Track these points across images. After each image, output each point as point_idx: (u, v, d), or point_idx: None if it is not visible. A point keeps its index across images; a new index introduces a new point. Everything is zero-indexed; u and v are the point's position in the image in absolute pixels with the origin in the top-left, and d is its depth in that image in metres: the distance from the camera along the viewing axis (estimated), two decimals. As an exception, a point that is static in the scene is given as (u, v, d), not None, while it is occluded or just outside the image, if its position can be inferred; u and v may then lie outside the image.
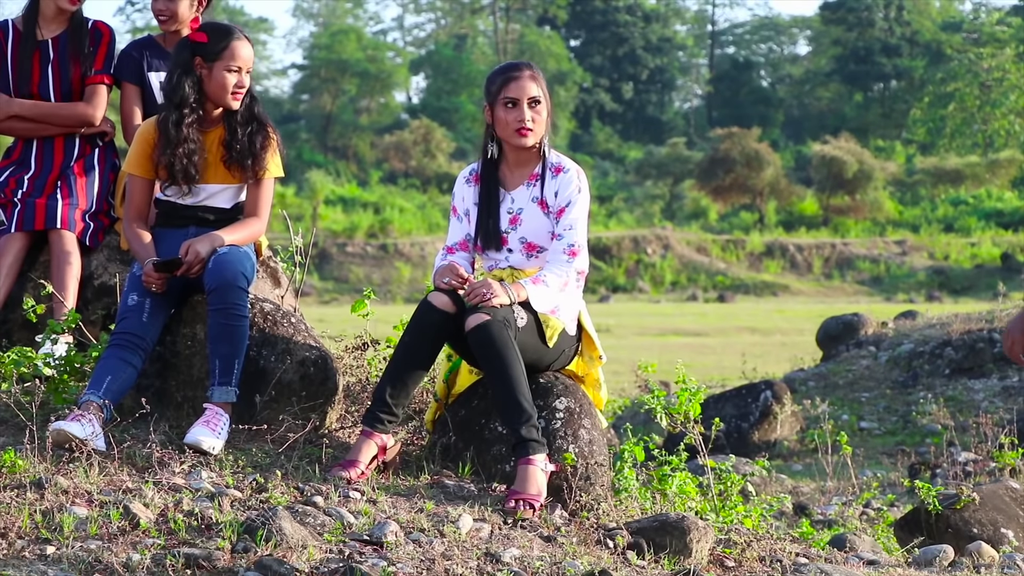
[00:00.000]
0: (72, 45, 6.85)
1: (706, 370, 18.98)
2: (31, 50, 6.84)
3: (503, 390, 5.51)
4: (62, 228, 6.52)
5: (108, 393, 5.53)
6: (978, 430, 11.12)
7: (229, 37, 5.97)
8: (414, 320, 5.67)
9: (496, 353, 5.49)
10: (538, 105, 5.86)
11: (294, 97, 73.78)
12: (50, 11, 6.85)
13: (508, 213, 5.91)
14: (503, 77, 5.89)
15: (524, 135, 5.85)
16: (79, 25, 6.89)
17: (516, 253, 5.89)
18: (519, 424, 5.49)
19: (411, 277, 39.91)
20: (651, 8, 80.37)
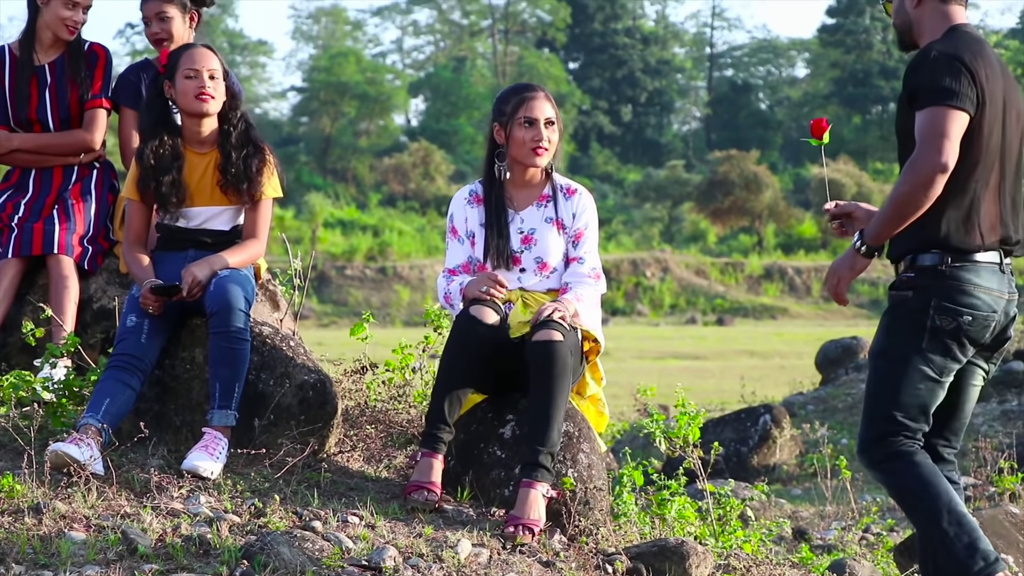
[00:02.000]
0: (70, 69, 6.85)
1: (705, 394, 18.96)
2: (28, 75, 6.83)
3: (545, 410, 5.51)
4: (59, 253, 6.52)
5: (107, 416, 5.52)
6: (977, 454, 11.11)
7: (182, 49, 6.06)
8: (457, 336, 5.65)
9: (556, 373, 5.51)
10: (552, 126, 5.90)
11: (293, 119, 73.85)
12: (47, 37, 6.85)
13: (519, 233, 5.92)
14: (519, 97, 5.91)
15: (539, 154, 5.88)
16: (76, 49, 6.89)
17: (529, 273, 5.90)
18: (542, 447, 5.50)
19: (410, 300, 39.90)
20: (650, 31, 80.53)
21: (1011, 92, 4.89)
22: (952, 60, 4.70)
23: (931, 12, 4.91)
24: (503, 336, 5.65)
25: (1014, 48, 66.18)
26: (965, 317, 4.76)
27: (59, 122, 6.85)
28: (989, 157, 4.78)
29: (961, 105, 4.66)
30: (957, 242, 4.76)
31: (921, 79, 4.73)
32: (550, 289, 5.94)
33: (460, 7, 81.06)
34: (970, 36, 4.85)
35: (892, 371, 4.85)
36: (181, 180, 5.99)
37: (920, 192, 4.65)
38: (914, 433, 4.88)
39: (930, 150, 4.64)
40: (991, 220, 4.80)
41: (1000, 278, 4.84)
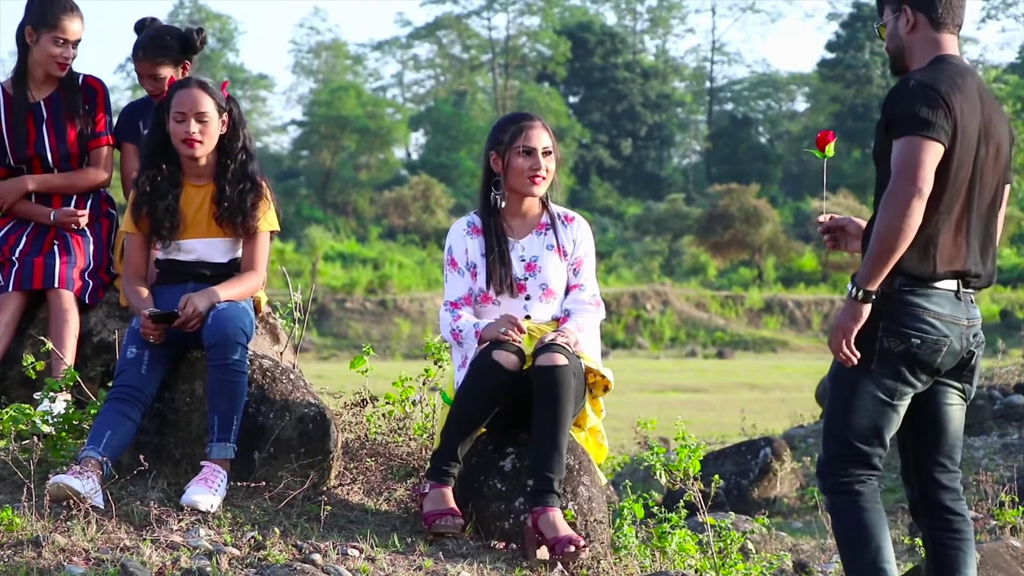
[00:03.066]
0: (66, 104, 6.86)
1: (705, 427, 18.93)
2: (24, 113, 6.83)
3: (552, 436, 5.52)
4: (60, 287, 6.52)
5: (108, 449, 5.52)
6: (978, 488, 11.08)
7: (176, 86, 6.03)
8: (479, 379, 5.64)
9: (561, 398, 5.52)
10: (550, 156, 5.92)
11: (294, 153, 73.93)
12: (39, 74, 6.85)
13: (522, 260, 5.93)
14: (517, 126, 5.93)
15: (537, 183, 5.91)
16: (71, 84, 6.89)
17: (534, 300, 5.92)
18: (554, 474, 5.52)
19: (410, 333, 39.87)
20: (649, 65, 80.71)
21: (994, 126, 4.90)
22: (929, 90, 4.72)
23: (922, 39, 4.94)
24: (521, 378, 5.64)
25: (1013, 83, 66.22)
26: (914, 340, 4.77)
27: (58, 158, 6.85)
28: (954, 191, 4.79)
29: (936, 136, 4.68)
30: (910, 269, 4.78)
31: (898, 108, 4.76)
32: (554, 317, 5.95)
33: (460, 41, 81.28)
34: (954, 67, 4.86)
35: (844, 394, 4.88)
36: (176, 208, 6.00)
37: (901, 221, 4.66)
38: (868, 458, 4.90)
39: (905, 179, 4.66)
40: (949, 253, 4.81)
41: (955, 304, 4.84)
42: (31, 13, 6.79)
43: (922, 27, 4.94)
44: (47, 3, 6.78)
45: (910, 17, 4.95)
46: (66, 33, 6.76)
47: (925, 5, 4.93)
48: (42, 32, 6.75)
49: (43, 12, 6.75)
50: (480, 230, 5.97)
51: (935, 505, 5.08)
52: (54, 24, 6.74)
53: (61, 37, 6.75)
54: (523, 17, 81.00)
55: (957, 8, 4.95)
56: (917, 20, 4.95)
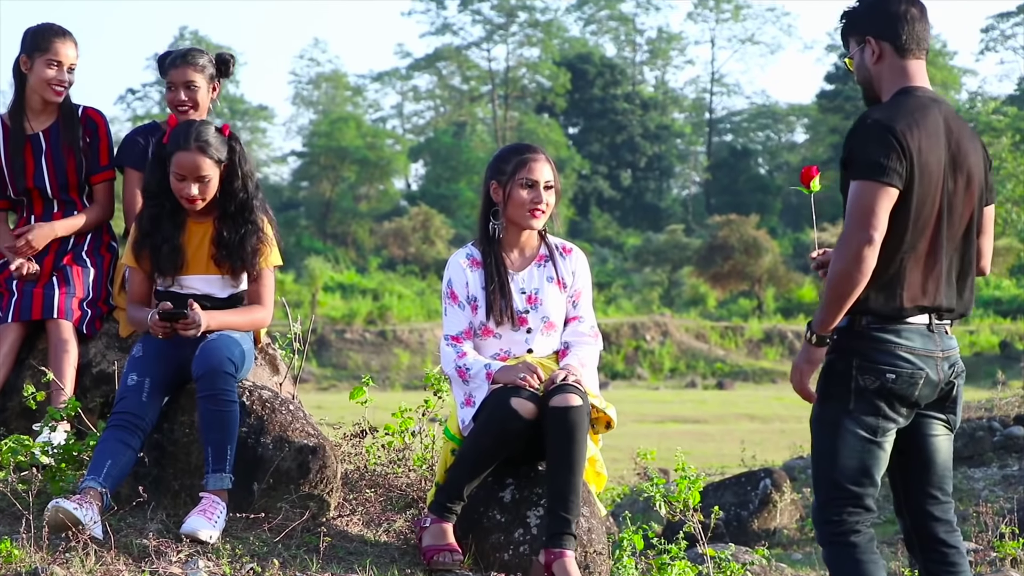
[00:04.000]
0: (65, 135, 6.86)
1: (705, 458, 18.90)
2: (21, 144, 6.84)
3: (569, 477, 5.52)
4: (59, 318, 6.52)
5: (108, 479, 5.52)
6: (978, 519, 11.07)
7: (176, 145, 5.95)
8: (495, 425, 5.61)
9: (578, 439, 5.52)
10: (551, 189, 5.91)
11: (293, 184, 74.00)
12: (37, 104, 6.87)
13: (523, 293, 5.92)
14: (520, 158, 5.92)
15: (537, 216, 5.89)
16: (70, 114, 6.90)
17: (536, 333, 5.90)
18: (571, 516, 5.52)
19: (410, 364, 39.83)
20: (649, 96, 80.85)
21: (963, 155, 4.87)
22: (884, 132, 4.71)
23: (889, 68, 4.93)
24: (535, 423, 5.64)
25: (1012, 114, 66.42)
26: (888, 375, 4.76)
27: (57, 189, 6.85)
28: (918, 228, 4.77)
29: (889, 180, 4.67)
30: (877, 308, 4.76)
31: (854, 147, 4.76)
32: (554, 350, 5.95)
33: (460, 73, 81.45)
34: (916, 100, 4.84)
35: (827, 437, 4.85)
36: (178, 247, 6.00)
37: (852, 268, 4.66)
38: (861, 499, 4.86)
39: (857, 227, 4.67)
40: (915, 290, 4.79)
41: (927, 338, 4.82)
42: (25, 43, 6.83)
43: (888, 56, 4.94)
44: (40, 31, 6.82)
45: (875, 48, 4.95)
46: (59, 56, 6.77)
47: (889, 34, 4.93)
48: (36, 57, 6.77)
49: (36, 39, 6.79)
50: (479, 262, 5.96)
51: (929, 538, 5.06)
52: (47, 48, 6.77)
53: (54, 60, 6.77)
54: (523, 48, 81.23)
55: (921, 34, 4.94)
56: (882, 50, 4.95)
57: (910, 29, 4.91)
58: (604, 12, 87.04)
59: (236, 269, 6.02)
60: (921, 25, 4.93)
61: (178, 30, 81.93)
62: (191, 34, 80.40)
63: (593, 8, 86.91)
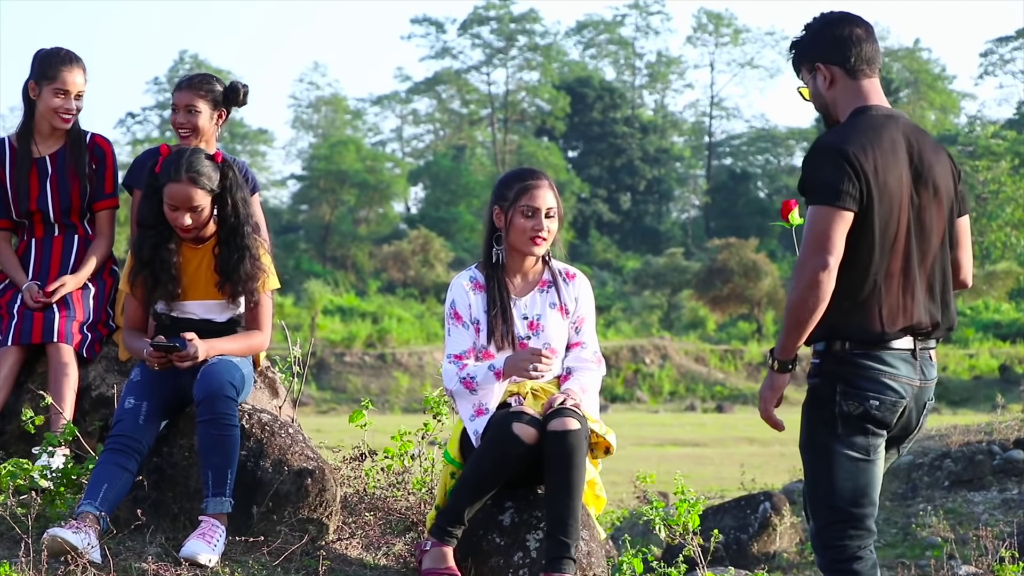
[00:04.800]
0: (71, 161, 6.88)
1: (704, 481, 18.88)
2: (27, 168, 6.86)
3: (569, 501, 5.52)
4: (59, 342, 6.52)
5: (104, 503, 5.51)
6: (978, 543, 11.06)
7: (167, 177, 5.94)
8: (496, 448, 5.61)
9: (576, 463, 5.52)
10: (552, 216, 5.90)
11: (293, 207, 74.03)
12: (45, 129, 6.89)
13: (524, 319, 5.91)
14: (522, 185, 5.91)
15: (538, 244, 5.89)
16: (77, 140, 6.92)
17: None
18: (570, 540, 5.52)
19: (409, 387, 39.80)
20: (648, 120, 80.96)
21: (927, 168, 4.85)
22: (836, 155, 4.70)
23: (843, 91, 4.94)
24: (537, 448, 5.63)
25: (1011, 138, 66.48)
26: (872, 401, 4.75)
27: (59, 213, 6.86)
28: (885, 248, 4.76)
29: (842, 204, 4.67)
30: (858, 331, 4.75)
31: (808, 172, 4.77)
32: (556, 376, 5.94)
33: (459, 96, 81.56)
34: (871, 119, 4.83)
35: (820, 461, 4.83)
36: (175, 276, 6.00)
37: (808, 294, 4.67)
38: (860, 520, 4.83)
39: (811, 252, 4.68)
40: (893, 309, 4.78)
41: (910, 365, 4.80)
42: (34, 69, 6.85)
43: (840, 79, 4.94)
44: (48, 57, 6.84)
45: (826, 73, 4.96)
46: (67, 85, 6.80)
47: (838, 58, 4.94)
48: (44, 85, 6.80)
49: (44, 66, 6.82)
50: (482, 286, 5.95)
51: None
52: (54, 76, 6.79)
53: (62, 89, 6.80)
54: (522, 72, 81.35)
55: (870, 54, 4.94)
56: (833, 74, 4.96)
57: (858, 51, 4.92)
58: (603, 36, 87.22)
59: (233, 294, 6.02)
60: (868, 45, 4.94)
61: (178, 54, 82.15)
62: (191, 58, 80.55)
63: (592, 32, 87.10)
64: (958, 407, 36.72)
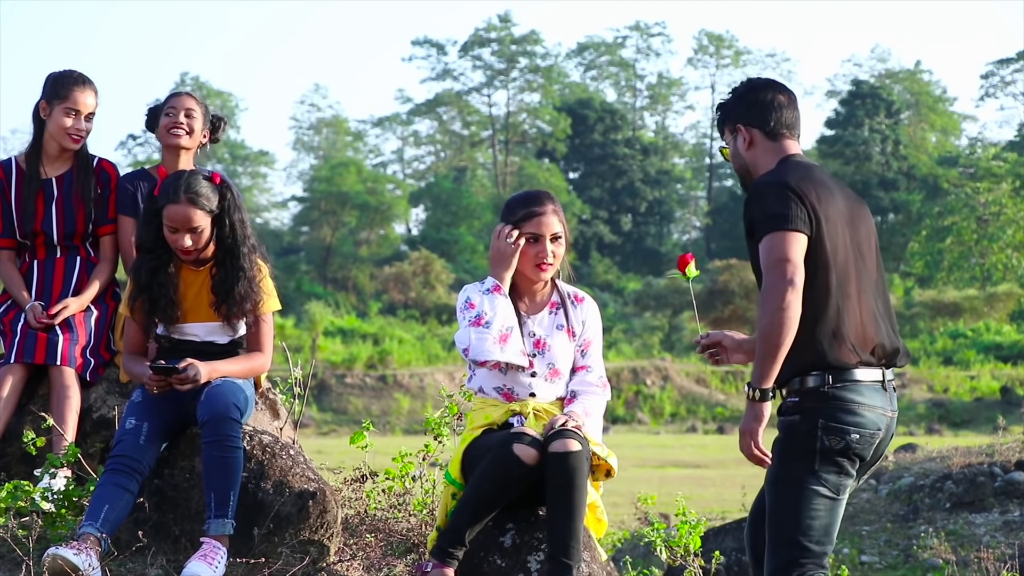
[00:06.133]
0: (78, 184, 6.89)
1: (706, 502, 18.86)
2: (35, 189, 6.87)
3: (570, 523, 5.52)
4: (62, 364, 6.52)
5: (106, 525, 5.51)
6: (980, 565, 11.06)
7: (168, 198, 5.94)
8: (497, 471, 5.61)
9: (577, 484, 5.52)
10: (558, 241, 5.91)
11: (294, 229, 74.07)
12: (53, 150, 6.91)
13: (531, 337, 5.92)
14: (527, 211, 5.92)
15: (544, 269, 5.90)
16: (85, 163, 6.93)
17: (540, 378, 5.90)
18: (573, 561, 5.53)
19: (410, 408, 39.77)
20: (649, 141, 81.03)
21: (857, 209, 4.95)
22: (778, 187, 4.77)
23: (763, 151, 5.00)
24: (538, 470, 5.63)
25: (1012, 160, 66.51)
26: (853, 435, 4.77)
27: (63, 236, 6.87)
28: (840, 270, 4.80)
29: (795, 227, 4.71)
30: (832, 360, 4.76)
31: (753, 211, 4.81)
32: (558, 397, 5.95)
33: (460, 118, 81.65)
34: (799, 164, 4.92)
35: (790, 497, 4.83)
36: (175, 299, 6.00)
37: (778, 317, 4.68)
38: (822, 557, 4.85)
39: (775, 274, 4.70)
40: (858, 332, 4.80)
41: (883, 396, 4.84)
42: (45, 89, 6.88)
43: (759, 141, 5.01)
44: (60, 78, 6.87)
45: (746, 135, 5.02)
46: (78, 105, 6.83)
47: (758, 120, 5.01)
48: (55, 104, 6.82)
49: (56, 86, 6.85)
50: (494, 298, 5.95)
51: None
52: (66, 96, 6.82)
53: (73, 108, 6.82)
54: (523, 94, 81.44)
55: (790, 119, 5.01)
56: (753, 136, 5.02)
57: (778, 115, 5.00)
58: (604, 58, 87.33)
59: (228, 315, 6.02)
60: (790, 111, 5.02)
61: (179, 76, 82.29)
62: (192, 80, 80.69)
63: (593, 54, 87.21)
64: (959, 429, 36.70)
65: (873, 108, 73.01)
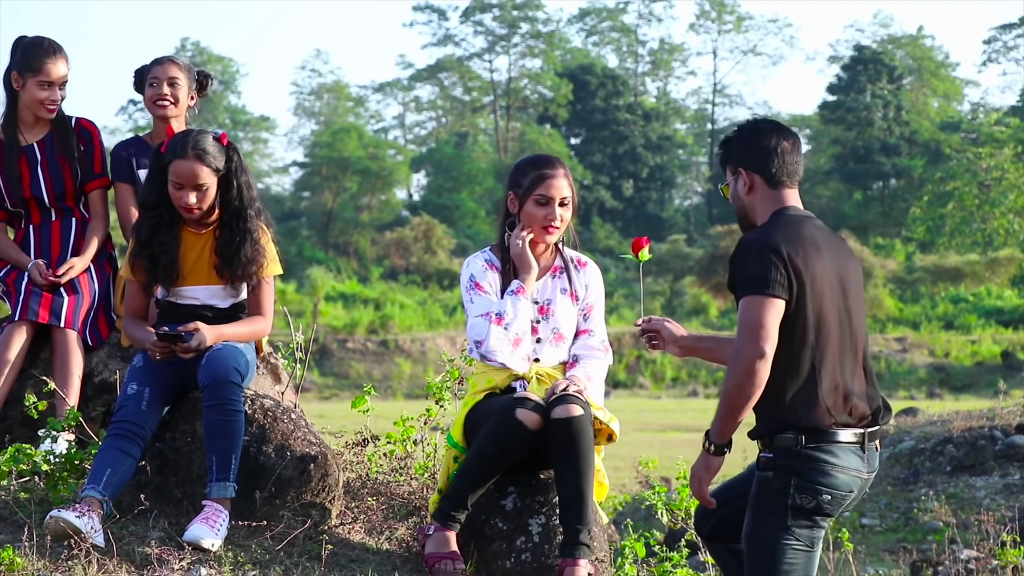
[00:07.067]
0: (59, 146, 6.87)
1: (707, 467, 18.86)
2: (16, 156, 6.84)
3: (577, 487, 5.52)
4: (66, 327, 6.52)
5: (108, 488, 5.52)
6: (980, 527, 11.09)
7: (174, 153, 5.93)
8: (501, 437, 5.61)
9: (583, 449, 5.51)
10: (566, 205, 5.90)
11: (295, 194, 74.04)
12: (29, 117, 6.87)
13: (535, 303, 5.91)
14: (538, 173, 5.89)
15: (550, 232, 5.89)
16: (62, 125, 6.90)
17: (545, 343, 5.90)
18: (582, 526, 5.52)
19: (411, 373, 39.82)
20: (651, 107, 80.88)
21: (847, 266, 4.95)
22: (763, 248, 4.75)
23: (762, 198, 4.99)
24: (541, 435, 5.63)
25: (1014, 125, 66.41)
26: (824, 496, 4.78)
27: (54, 197, 6.85)
28: (819, 331, 4.78)
29: (773, 292, 4.71)
30: (806, 420, 4.77)
31: (736, 268, 4.82)
32: (561, 362, 5.95)
33: (462, 83, 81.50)
34: (792, 218, 4.90)
35: (765, 552, 4.83)
36: (175, 259, 6.00)
37: (744, 381, 4.69)
38: None
39: (747, 340, 4.70)
40: (835, 393, 4.80)
41: (859, 458, 4.83)
42: (15, 59, 6.82)
43: (759, 187, 4.99)
44: (30, 48, 6.81)
45: (747, 179, 5.01)
46: (51, 76, 6.78)
47: (759, 166, 4.99)
48: (28, 77, 6.78)
49: (27, 57, 6.79)
50: (498, 268, 5.95)
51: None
52: (38, 69, 6.77)
53: (46, 80, 6.78)
54: (525, 59, 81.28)
55: (792, 167, 4.99)
56: (753, 181, 5.00)
57: (780, 162, 4.98)
58: (606, 23, 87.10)
59: (232, 277, 6.02)
60: (792, 157, 5.00)
61: (180, 41, 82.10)
62: (192, 45, 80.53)
63: (595, 19, 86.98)
64: (960, 393, 36.73)
65: (875, 73, 72.85)
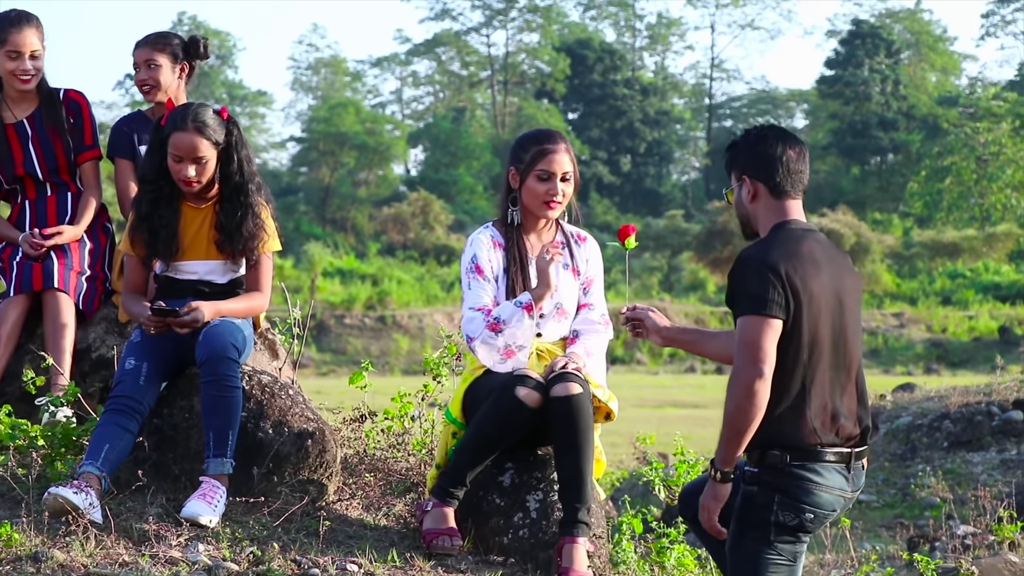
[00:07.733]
0: (48, 119, 6.81)
1: (704, 442, 18.83)
2: (5, 134, 6.81)
3: (576, 466, 5.52)
4: (59, 288, 6.49)
5: (106, 464, 5.52)
6: (977, 503, 11.11)
7: (174, 125, 5.90)
8: (500, 414, 5.60)
9: (582, 427, 5.51)
10: (568, 180, 5.88)
11: (292, 170, 73.96)
12: (13, 92, 6.83)
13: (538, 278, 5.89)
14: (539, 148, 5.86)
15: (553, 207, 5.87)
16: (50, 99, 6.85)
17: (548, 319, 5.89)
18: (581, 504, 5.52)
19: (409, 349, 39.84)
20: (649, 82, 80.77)
21: (846, 282, 4.93)
22: (762, 267, 4.73)
23: (765, 208, 4.95)
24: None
25: (1012, 100, 66.35)
26: (807, 515, 4.78)
27: (47, 172, 6.83)
28: (816, 352, 4.77)
29: (771, 312, 4.69)
30: (793, 440, 4.76)
31: (735, 286, 4.80)
32: (562, 337, 5.94)
33: (459, 58, 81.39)
34: (792, 233, 4.86)
35: (748, 566, 4.83)
36: (175, 233, 5.99)
37: (745, 404, 4.68)
38: None
39: (746, 362, 4.68)
40: (823, 416, 4.79)
41: (844, 478, 4.82)
42: None
43: (763, 196, 4.95)
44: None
45: (751, 187, 4.97)
46: (18, 46, 6.69)
47: (764, 176, 4.95)
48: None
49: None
50: (501, 244, 5.93)
51: None
52: (4, 39, 6.68)
53: (14, 51, 6.69)
54: (522, 34, 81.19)
55: (797, 175, 4.95)
56: (757, 190, 4.97)
57: (785, 172, 4.94)
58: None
59: (233, 252, 6.01)
60: (797, 166, 4.96)
61: (176, 15, 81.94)
62: (189, 19, 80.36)
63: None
64: (957, 368, 36.78)
65: (873, 48, 72.77)
